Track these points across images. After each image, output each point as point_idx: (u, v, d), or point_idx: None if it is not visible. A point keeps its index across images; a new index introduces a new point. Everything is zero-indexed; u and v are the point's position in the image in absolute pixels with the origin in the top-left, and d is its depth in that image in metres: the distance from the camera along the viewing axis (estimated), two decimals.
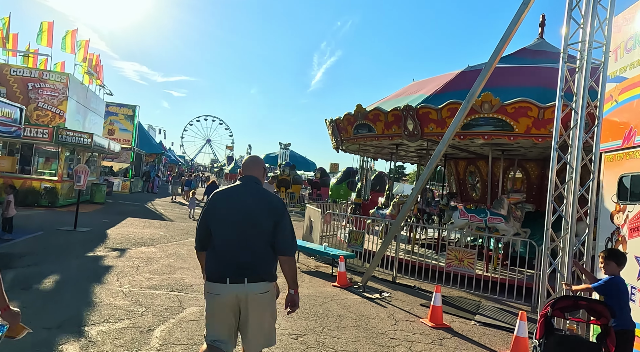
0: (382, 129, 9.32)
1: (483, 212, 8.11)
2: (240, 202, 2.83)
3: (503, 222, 7.92)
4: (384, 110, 9.16)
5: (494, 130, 7.53)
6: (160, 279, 6.76)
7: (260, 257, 2.78)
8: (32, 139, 14.55)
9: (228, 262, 2.73)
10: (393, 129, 9.04)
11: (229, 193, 2.91)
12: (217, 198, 2.91)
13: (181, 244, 10.33)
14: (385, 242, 7.31)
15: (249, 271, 2.72)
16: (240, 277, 2.69)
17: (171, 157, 56.19)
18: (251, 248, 2.75)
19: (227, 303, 2.72)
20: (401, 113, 8.66)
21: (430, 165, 6.58)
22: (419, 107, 8.41)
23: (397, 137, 9.08)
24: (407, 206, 6.81)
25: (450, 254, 7.71)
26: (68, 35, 16.72)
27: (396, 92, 11.33)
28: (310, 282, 7.64)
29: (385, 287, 7.72)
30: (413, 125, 8.38)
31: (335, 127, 10.89)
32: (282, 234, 2.80)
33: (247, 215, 2.78)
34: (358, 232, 9.26)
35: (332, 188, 30.53)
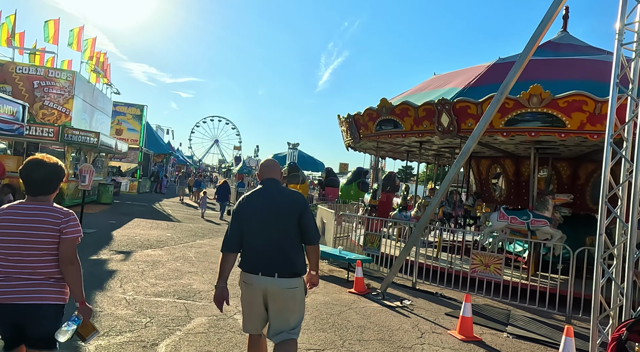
0: (411, 125, 8.47)
1: (525, 214, 7.48)
2: (269, 203, 3.09)
3: (548, 225, 7.28)
4: (413, 104, 8.29)
5: (542, 127, 6.82)
6: (166, 285, 6.34)
7: (290, 252, 3.01)
8: (38, 138, 14.26)
9: (261, 257, 2.99)
10: (424, 125, 8.21)
11: (257, 195, 3.17)
12: (247, 201, 3.16)
13: (189, 246, 9.92)
14: (407, 246, 6.82)
15: (281, 267, 2.96)
16: (272, 272, 2.94)
17: (179, 157, 56.10)
18: (283, 245, 3.00)
19: (258, 292, 2.97)
20: (434, 107, 7.84)
21: (457, 163, 6.06)
22: (456, 101, 7.61)
23: (428, 134, 8.31)
24: (431, 208, 6.32)
25: (475, 259, 7.20)
26: (75, 32, 16.44)
27: (417, 87, 10.71)
28: (325, 288, 7.18)
29: (405, 294, 7.23)
30: (449, 121, 7.63)
31: (353, 123, 10.19)
32: (307, 226, 3.07)
33: (277, 214, 3.05)
34: (374, 234, 8.78)
35: (342, 189, 30.01)
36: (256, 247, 3.03)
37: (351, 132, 10.48)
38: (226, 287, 3.09)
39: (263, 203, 3.10)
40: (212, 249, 9.71)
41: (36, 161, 2.48)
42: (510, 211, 7.77)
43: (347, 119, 10.41)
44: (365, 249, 8.88)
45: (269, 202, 3.10)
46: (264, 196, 3.15)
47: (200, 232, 12.52)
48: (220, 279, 3.08)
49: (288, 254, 3.00)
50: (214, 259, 8.62)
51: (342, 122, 11.20)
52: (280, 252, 2.99)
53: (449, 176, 6.21)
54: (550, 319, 6.42)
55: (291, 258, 3.00)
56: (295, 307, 3.05)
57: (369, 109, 9.41)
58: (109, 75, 20.24)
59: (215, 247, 10.08)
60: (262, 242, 3.02)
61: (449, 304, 6.84)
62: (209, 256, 8.95)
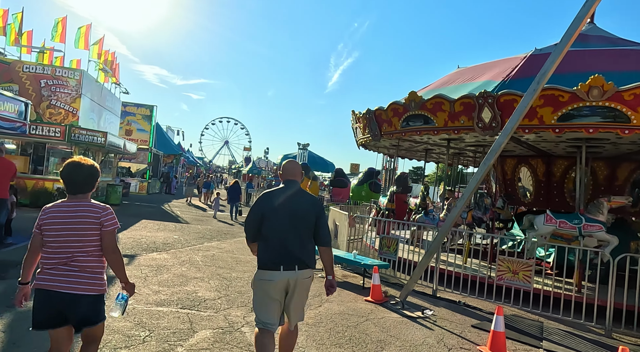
0: (445, 121, 7.70)
1: (576, 217, 6.81)
2: (290, 202, 3.32)
3: (603, 229, 6.64)
4: (448, 98, 7.56)
5: (603, 122, 6.08)
6: (169, 292, 5.91)
7: (307, 247, 3.31)
8: (45, 138, 14.02)
9: (282, 252, 3.21)
10: (461, 120, 7.44)
11: (278, 194, 3.38)
12: (269, 198, 3.37)
13: (196, 249, 9.51)
14: (430, 252, 6.30)
15: (299, 260, 3.23)
16: (292, 265, 3.20)
17: (189, 158, 56.05)
18: (300, 240, 3.26)
19: (279, 287, 3.21)
20: (475, 101, 7.12)
21: (487, 162, 5.50)
22: (500, 94, 6.90)
23: (465, 131, 7.54)
24: (457, 210, 5.79)
25: (501, 265, 6.65)
26: (82, 30, 16.20)
27: (441, 80, 10.04)
28: (339, 295, 6.69)
29: (426, 302, 6.71)
30: (491, 116, 6.92)
31: (373, 119, 9.41)
32: (323, 228, 3.37)
33: (297, 212, 3.30)
34: (391, 238, 8.26)
35: (353, 190, 29.43)
36: (277, 243, 3.24)
37: (370, 129, 9.69)
38: None
39: (285, 202, 3.33)
40: (219, 253, 9.29)
41: (75, 164, 2.76)
42: (559, 214, 7.04)
43: (367, 114, 9.64)
44: (381, 253, 8.37)
45: (290, 202, 3.33)
46: (286, 195, 3.37)
47: (208, 234, 12.12)
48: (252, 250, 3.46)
49: (305, 249, 3.30)
50: (221, 263, 8.19)
51: (358, 118, 10.43)
52: (299, 248, 3.26)
53: (477, 176, 5.66)
54: (588, 333, 5.85)
55: (308, 253, 3.31)
56: (307, 296, 3.47)
57: (394, 103, 8.64)
58: (118, 74, 20.02)
59: (223, 250, 9.66)
60: (283, 238, 3.24)
61: (474, 315, 6.30)
62: (216, 259, 8.52)
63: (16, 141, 15.07)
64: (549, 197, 9.09)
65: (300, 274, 3.24)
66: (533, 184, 9.53)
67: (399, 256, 8.08)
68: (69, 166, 2.77)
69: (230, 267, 7.84)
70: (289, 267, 3.19)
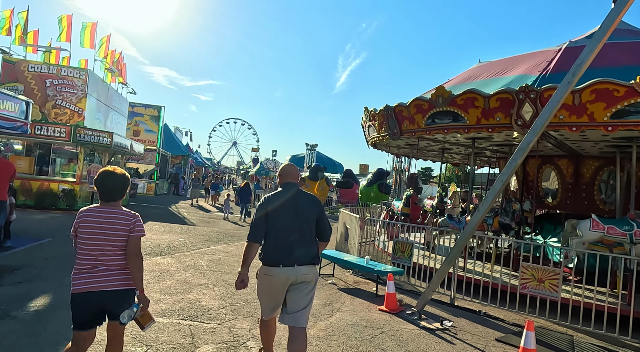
0: (478, 118, 7.11)
1: (627, 223, 6.26)
2: (293, 203, 3.49)
3: None
4: (483, 93, 6.99)
5: None
6: (171, 301, 5.56)
7: (310, 245, 3.47)
8: (50, 139, 13.82)
9: (282, 251, 3.37)
10: (497, 117, 6.87)
11: (281, 196, 3.52)
12: (272, 200, 3.50)
13: (201, 253, 9.17)
14: (450, 258, 5.87)
15: (299, 258, 3.38)
16: (292, 263, 3.35)
17: (197, 159, 55.97)
18: (302, 239, 3.42)
19: (279, 282, 3.38)
20: (514, 96, 6.57)
21: (514, 161, 5.04)
22: (544, 89, 6.29)
23: (501, 129, 6.94)
24: (480, 214, 5.35)
25: (525, 273, 6.19)
26: (87, 29, 16.00)
27: (463, 75, 9.43)
28: (351, 304, 6.29)
29: (444, 312, 6.29)
30: (533, 113, 6.28)
31: (392, 117, 8.76)
32: (323, 226, 3.56)
33: (300, 212, 3.47)
34: (405, 243, 7.84)
35: (362, 191, 28.96)
36: (281, 242, 3.40)
37: (389, 127, 9.05)
38: (247, 274, 3.46)
39: (288, 204, 3.49)
40: (225, 257, 8.94)
41: (108, 173, 2.96)
42: (605, 219, 6.45)
43: (385, 111, 9.00)
44: (394, 258, 7.95)
45: (292, 203, 3.50)
46: (288, 197, 3.53)
47: (214, 236, 11.79)
48: (244, 265, 3.45)
49: (308, 247, 3.46)
50: (227, 268, 7.84)
51: (372, 115, 9.83)
52: (302, 246, 3.42)
53: (503, 177, 5.20)
54: (623, 348, 5.39)
55: (311, 251, 3.47)
56: (309, 292, 3.49)
57: (418, 99, 8.06)
58: (125, 74, 19.83)
59: (229, 254, 9.31)
60: (287, 237, 3.40)
61: (496, 326, 5.87)
62: (222, 264, 8.17)
63: (22, 142, 14.91)
64: (577, 200, 8.54)
65: (300, 270, 3.40)
66: (559, 185, 8.98)
67: (413, 262, 7.66)
68: (102, 175, 2.97)
69: (237, 273, 7.48)
70: (288, 264, 3.37)
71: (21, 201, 14.00)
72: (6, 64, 14.35)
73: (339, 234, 11.19)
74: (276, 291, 3.44)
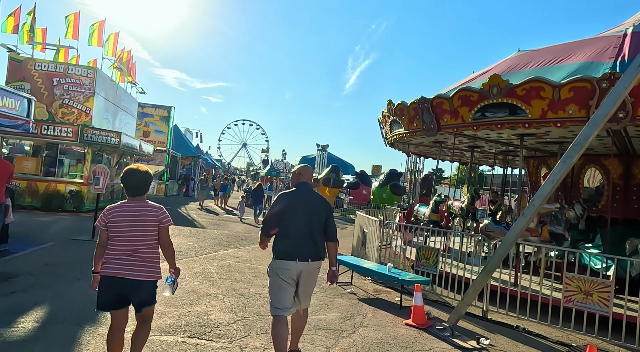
0: (543, 111, 6.22)
1: None
2: (306, 202, 3.81)
3: None
4: (552, 82, 6.05)
5: None
6: (177, 314, 5.03)
7: (319, 242, 3.79)
8: (56, 139, 13.47)
9: (298, 246, 3.68)
10: (569, 110, 5.96)
11: (295, 195, 3.84)
12: (287, 199, 3.81)
13: (211, 258, 8.66)
14: (489, 268, 5.24)
15: (312, 253, 3.72)
16: (306, 258, 3.67)
17: (207, 160, 55.77)
18: (314, 236, 3.75)
19: (293, 275, 3.68)
20: (595, 85, 5.64)
21: (569, 159, 4.39)
22: None
23: (574, 123, 6.00)
24: (525, 220, 4.72)
25: (570, 284, 5.54)
26: (95, 27, 15.66)
27: (502, 66, 8.52)
28: (374, 317, 5.70)
29: (477, 327, 5.67)
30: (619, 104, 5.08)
31: (430, 110, 7.79)
32: (331, 226, 3.87)
33: (312, 211, 3.78)
34: (430, 249, 7.23)
35: (374, 192, 28.23)
36: (293, 238, 3.66)
37: (423, 122, 8.14)
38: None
39: (300, 203, 3.75)
40: (236, 263, 8.41)
41: (131, 170, 3.20)
42: None
43: (419, 104, 8.05)
44: (418, 265, 7.34)
45: (305, 203, 3.76)
46: (301, 197, 3.80)
47: (225, 240, 11.29)
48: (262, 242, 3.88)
49: (317, 244, 3.74)
50: (238, 275, 7.31)
51: (400, 109, 8.87)
52: (313, 243, 3.70)
53: (554, 177, 4.54)
54: None
55: (319, 247, 3.76)
56: (314, 283, 3.89)
57: (464, 90, 7.17)
58: (134, 74, 19.48)
59: (240, 259, 8.79)
60: (299, 234, 3.66)
61: (540, 345, 5.23)
62: (233, 271, 7.64)
63: (29, 142, 14.60)
64: (627, 203, 7.78)
65: (312, 265, 3.73)
66: (606, 187, 8.19)
67: (439, 269, 7.04)
68: (127, 172, 3.22)
69: (248, 281, 6.95)
70: (304, 259, 3.65)
71: (27, 202, 13.68)
72: (13, 63, 14.05)
73: (356, 238, 10.61)
74: (288, 286, 3.67)
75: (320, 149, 39.97)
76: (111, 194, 16.94)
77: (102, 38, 15.84)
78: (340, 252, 11.71)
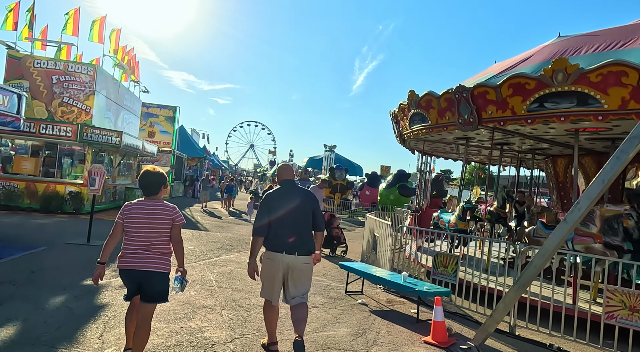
0: (624, 101, 5.37)
1: None
2: (291, 198, 4.04)
3: None
4: (635, 65, 5.20)
5: None
6: (167, 331, 4.47)
7: (306, 236, 4.04)
8: (55, 138, 13.04)
9: (285, 241, 3.91)
10: None
11: (281, 192, 4.10)
12: (274, 197, 4.06)
13: (211, 263, 8.11)
14: (524, 281, 4.59)
15: (299, 247, 3.93)
16: (293, 251, 3.91)
17: (214, 161, 55.46)
18: (301, 230, 4.00)
19: (280, 267, 3.91)
20: None
21: (622, 156, 3.68)
22: None
23: None
24: (569, 226, 4.07)
25: (612, 299, 4.89)
26: (96, 22, 15.24)
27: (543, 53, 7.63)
28: (389, 333, 5.09)
29: (504, 345, 5.04)
30: None
31: (468, 102, 6.89)
32: (318, 217, 4.14)
33: (298, 206, 4.01)
34: (449, 256, 6.60)
35: (381, 193, 27.50)
36: (282, 233, 3.93)
37: (458, 114, 7.21)
38: (256, 263, 4.00)
39: (287, 199, 4.03)
40: (238, 269, 7.85)
41: (145, 171, 3.56)
42: None
43: (455, 94, 7.10)
44: (435, 274, 6.72)
45: (291, 198, 4.04)
46: (285, 194, 4.09)
47: (227, 243, 10.75)
48: (251, 257, 3.99)
49: (305, 238, 4.02)
50: (239, 283, 6.74)
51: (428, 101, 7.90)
52: (300, 237, 3.97)
53: (606, 176, 3.86)
54: None
55: (307, 241, 4.03)
56: (307, 278, 4.08)
57: (519, 76, 6.28)
58: (138, 72, 19.06)
59: (242, 265, 8.22)
60: (287, 228, 3.94)
61: None
62: (234, 278, 7.08)
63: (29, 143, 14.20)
64: None
65: (300, 259, 3.92)
66: None
67: (459, 278, 6.41)
68: (143, 173, 3.51)
69: (250, 290, 6.37)
70: (290, 252, 3.88)
71: (26, 204, 13.27)
72: (11, 60, 13.66)
73: (365, 242, 10.01)
74: (277, 274, 3.91)
75: (327, 150, 39.43)
76: (113, 196, 16.51)
77: (103, 34, 15.40)
78: (349, 257, 11.13)
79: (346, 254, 10.75)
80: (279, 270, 3.89)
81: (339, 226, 11.22)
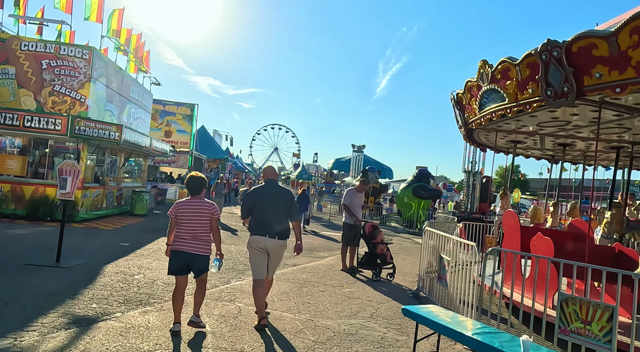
0: None
1: None
2: (271, 193, 5.08)
3: None
4: None
5: None
6: None
7: (282, 225, 4.95)
8: (42, 132, 11.07)
9: (266, 227, 4.87)
10: None
11: (264, 188, 5.17)
12: (258, 191, 5.17)
13: (213, 296, 5.73)
14: None
15: (276, 233, 4.88)
16: (273, 235, 4.88)
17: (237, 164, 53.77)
18: (278, 219, 4.94)
19: (262, 247, 4.87)
20: None
21: None
22: None
23: None
24: None
25: None
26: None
27: None
28: None
29: None
30: None
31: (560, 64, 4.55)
32: (293, 209, 5.12)
33: (276, 199, 5.03)
34: (597, 305, 3.97)
35: (398, 195, 23.68)
36: (264, 220, 4.90)
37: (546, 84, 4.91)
38: None
39: (268, 194, 5.06)
40: (248, 307, 5.43)
41: (190, 176, 4.68)
42: None
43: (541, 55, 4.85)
44: (565, 332, 4.10)
45: (271, 194, 5.06)
46: (267, 190, 5.12)
47: (241, 261, 8.40)
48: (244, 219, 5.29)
49: (282, 225, 4.95)
50: (247, 338, 4.33)
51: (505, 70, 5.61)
52: (278, 224, 4.91)
53: None
54: None
55: (284, 228, 4.96)
56: (279, 258, 5.13)
57: None
58: (148, 62, 17.10)
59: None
60: (268, 217, 4.91)
61: None
62: (240, 328, 4.67)
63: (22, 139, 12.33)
64: None
65: (277, 242, 4.93)
66: None
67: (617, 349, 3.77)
68: (188, 178, 4.66)
69: None
70: (271, 236, 4.87)
71: (10, 210, 11.34)
72: None
73: (426, 263, 7.38)
74: (261, 255, 4.89)
75: (355, 151, 36.83)
76: (117, 200, 14.50)
77: (102, 13, 13.37)
78: (398, 281, 8.63)
79: (393, 278, 8.24)
80: (264, 250, 4.87)
81: (384, 240, 8.72)
